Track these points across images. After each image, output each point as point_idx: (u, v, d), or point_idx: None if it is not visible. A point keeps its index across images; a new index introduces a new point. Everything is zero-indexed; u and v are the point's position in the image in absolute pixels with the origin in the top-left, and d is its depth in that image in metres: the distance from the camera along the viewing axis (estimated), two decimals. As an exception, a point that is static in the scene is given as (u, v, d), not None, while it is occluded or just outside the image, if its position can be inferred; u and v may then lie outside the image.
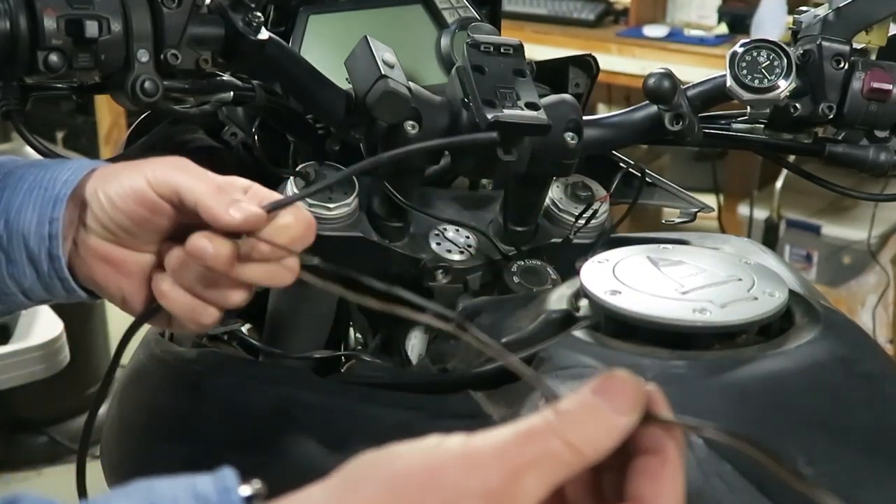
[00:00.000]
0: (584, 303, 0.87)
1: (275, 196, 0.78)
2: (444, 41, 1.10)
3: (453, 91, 0.94)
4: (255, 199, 0.77)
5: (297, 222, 0.76)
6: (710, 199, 3.11)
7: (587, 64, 1.14)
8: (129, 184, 0.77)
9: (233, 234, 0.75)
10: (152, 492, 0.53)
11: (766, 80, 1.00)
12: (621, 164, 1.09)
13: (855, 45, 1.03)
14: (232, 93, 0.93)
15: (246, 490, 0.54)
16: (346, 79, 0.95)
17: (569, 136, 0.95)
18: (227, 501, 0.53)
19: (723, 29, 3.12)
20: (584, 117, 0.99)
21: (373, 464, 0.53)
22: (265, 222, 0.75)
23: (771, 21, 2.93)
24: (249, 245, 0.75)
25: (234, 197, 0.75)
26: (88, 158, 0.86)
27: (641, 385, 0.53)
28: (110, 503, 0.54)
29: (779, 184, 3.07)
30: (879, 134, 1.04)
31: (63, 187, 0.79)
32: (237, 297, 0.78)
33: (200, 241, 0.75)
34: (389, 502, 0.50)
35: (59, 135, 3.73)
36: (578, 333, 0.84)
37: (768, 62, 1.00)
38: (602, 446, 0.52)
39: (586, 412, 0.52)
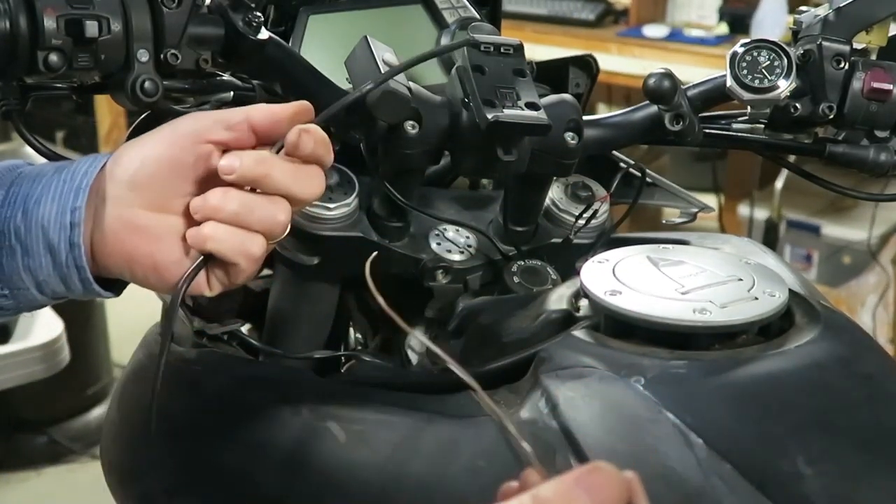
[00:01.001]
0: (584, 303, 0.87)
1: None
2: (444, 41, 1.10)
3: (453, 91, 0.94)
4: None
5: (317, 132, 0.79)
6: (710, 199, 3.11)
7: (587, 64, 1.14)
8: (157, 135, 0.79)
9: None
10: None
11: (766, 80, 1.00)
12: (621, 164, 1.09)
13: (855, 45, 1.03)
14: (232, 93, 0.93)
15: None
16: (346, 79, 0.95)
17: (569, 136, 0.95)
18: None
19: (723, 29, 3.12)
20: (584, 117, 0.99)
21: None
22: (312, 113, 0.80)
23: (771, 21, 2.93)
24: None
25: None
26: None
27: (625, 481, 0.53)
28: None
29: (779, 184, 3.07)
30: (879, 134, 1.04)
31: (84, 177, 0.78)
32: (281, 216, 0.79)
33: (229, 158, 0.77)
34: None
35: (59, 135, 3.74)
36: (578, 333, 0.84)
37: (768, 62, 1.00)
38: None
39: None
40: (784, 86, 1.00)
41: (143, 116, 1.03)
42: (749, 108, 1.04)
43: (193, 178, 0.78)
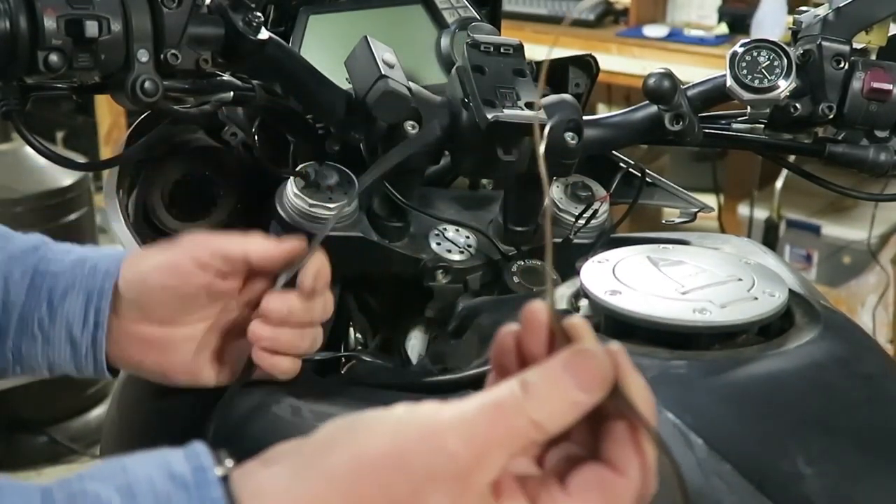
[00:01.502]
0: (584, 303, 0.87)
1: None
2: (444, 41, 1.10)
3: (453, 91, 0.94)
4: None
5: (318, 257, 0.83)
6: (710, 199, 3.11)
7: (587, 64, 1.15)
8: (160, 260, 0.82)
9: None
10: (127, 473, 0.54)
11: (766, 80, 1.00)
12: (621, 164, 1.09)
13: (855, 45, 1.03)
14: (232, 93, 0.93)
15: (220, 470, 0.55)
16: (346, 79, 0.95)
17: (569, 136, 0.95)
18: (203, 481, 0.54)
19: (723, 29, 3.12)
20: (584, 117, 0.99)
21: (344, 437, 0.54)
22: (305, 248, 0.82)
23: (771, 21, 2.93)
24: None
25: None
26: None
27: (611, 356, 0.55)
28: (84, 486, 0.54)
29: (779, 184, 3.07)
30: (879, 134, 1.04)
31: (106, 279, 0.83)
32: (314, 343, 0.85)
33: (279, 303, 0.81)
34: (356, 482, 0.52)
35: (59, 135, 3.73)
36: (578, 333, 0.83)
37: (768, 62, 1.00)
38: (563, 422, 0.54)
39: (553, 388, 0.53)
40: (784, 86, 1.00)
41: (143, 116, 1.03)
42: (749, 108, 1.04)
43: (195, 300, 0.83)
